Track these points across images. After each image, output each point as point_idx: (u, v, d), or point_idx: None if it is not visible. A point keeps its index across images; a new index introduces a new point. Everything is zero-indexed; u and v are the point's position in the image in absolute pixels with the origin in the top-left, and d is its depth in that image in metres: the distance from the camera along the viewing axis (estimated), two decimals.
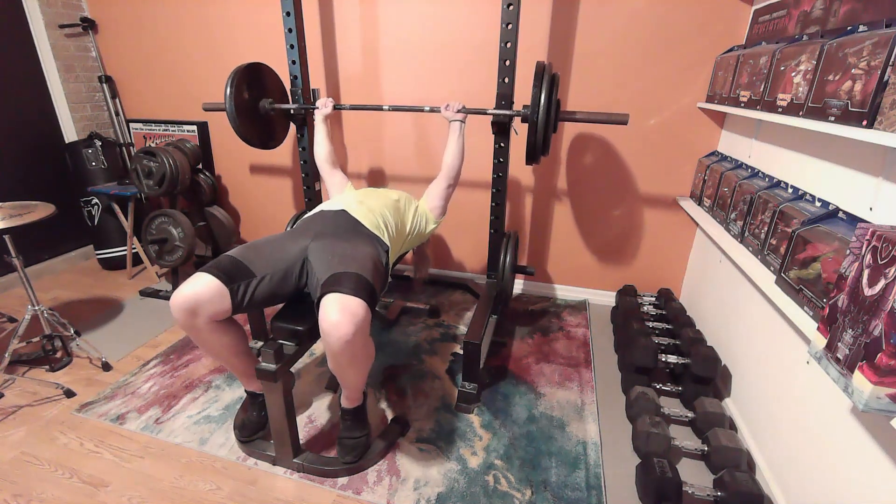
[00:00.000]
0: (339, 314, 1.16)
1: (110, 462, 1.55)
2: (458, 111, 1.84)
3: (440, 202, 1.86)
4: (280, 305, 1.48)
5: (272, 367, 1.33)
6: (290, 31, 2.10)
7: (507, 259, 2.09)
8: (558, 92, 1.72)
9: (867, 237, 0.90)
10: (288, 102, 2.25)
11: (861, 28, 1.14)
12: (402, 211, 1.76)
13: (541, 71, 1.64)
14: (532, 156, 1.75)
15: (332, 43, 2.52)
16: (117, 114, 3.11)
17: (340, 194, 1.84)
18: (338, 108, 2.01)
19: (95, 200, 2.87)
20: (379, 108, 1.99)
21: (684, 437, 1.61)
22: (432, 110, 1.90)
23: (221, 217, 2.91)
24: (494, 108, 1.86)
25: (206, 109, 2.16)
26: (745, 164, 1.85)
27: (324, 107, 2.00)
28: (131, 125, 3.16)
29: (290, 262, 1.40)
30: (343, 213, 1.58)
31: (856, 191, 1.22)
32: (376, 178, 2.77)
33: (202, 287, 1.25)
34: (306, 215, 1.68)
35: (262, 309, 1.81)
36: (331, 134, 2.01)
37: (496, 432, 1.68)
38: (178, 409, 1.78)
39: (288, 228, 2.23)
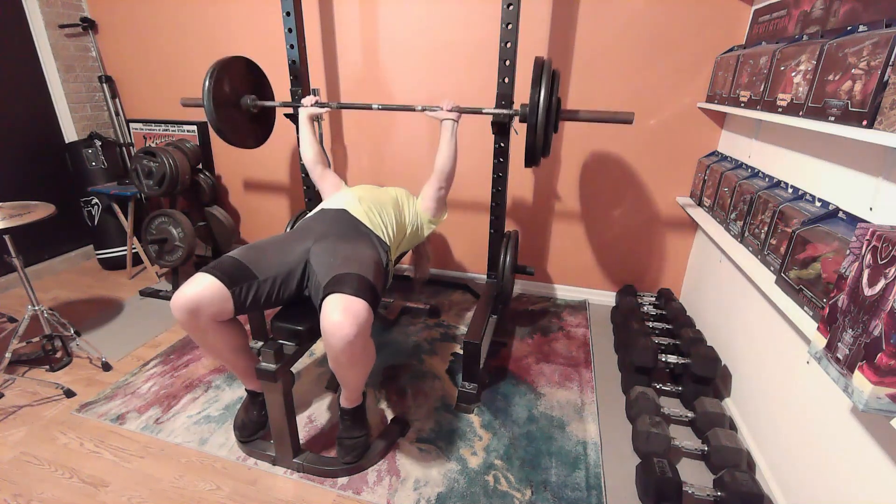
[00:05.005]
0: (342, 315, 1.16)
1: (110, 462, 1.55)
2: (451, 110, 1.73)
3: (432, 203, 1.82)
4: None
5: (272, 367, 1.33)
6: (289, 31, 2.10)
7: (507, 259, 2.09)
8: (559, 91, 1.63)
9: (867, 237, 0.90)
10: (273, 100, 2.13)
11: (861, 28, 1.14)
12: (401, 208, 1.76)
13: (539, 67, 1.54)
14: (531, 158, 1.64)
15: (331, 43, 2.52)
16: (117, 114, 3.11)
17: (338, 192, 1.80)
18: (323, 106, 1.89)
19: (95, 200, 2.87)
20: (368, 108, 1.85)
21: (684, 437, 1.61)
22: (424, 109, 1.78)
23: (221, 217, 2.90)
24: (493, 108, 1.80)
25: (184, 105, 2.02)
26: (745, 164, 1.85)
27: (308, 105, 1.88)
28: (131, 125, 3.16)
29: (292, 265, 1.40)
30: (343, 213, 1.58)
31: (856, 191, 1.22)
32: (377, 176, 2.77)
33: (204, 288, 1.25)
34: (308, 215, 1.67)
35: (264, 310, 1.80)
36: (317, 134, 1.91)
37: (496, 432, 1.68)
38: (178, 409, 1.78)
39: (288, 229, 2.23)
